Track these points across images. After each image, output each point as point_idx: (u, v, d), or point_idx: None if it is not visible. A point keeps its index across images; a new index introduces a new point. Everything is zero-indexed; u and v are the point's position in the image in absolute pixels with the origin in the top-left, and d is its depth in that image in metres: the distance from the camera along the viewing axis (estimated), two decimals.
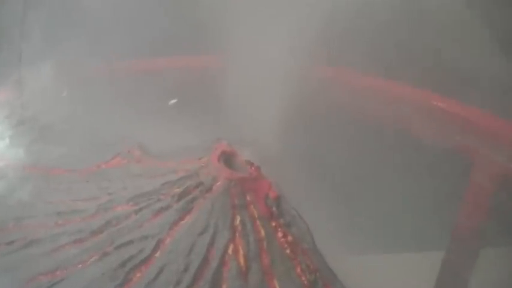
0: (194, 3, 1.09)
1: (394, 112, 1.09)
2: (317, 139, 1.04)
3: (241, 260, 0.81)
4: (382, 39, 1.06)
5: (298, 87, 1.03)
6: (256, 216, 0.85)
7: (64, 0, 1.08)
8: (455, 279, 1.06)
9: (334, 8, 1.03)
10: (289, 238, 0.85)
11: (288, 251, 0.84)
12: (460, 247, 1.06)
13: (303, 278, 0.82)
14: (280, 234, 0.85)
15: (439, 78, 1.07)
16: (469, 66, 1.03)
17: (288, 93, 1.00)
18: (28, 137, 0.95)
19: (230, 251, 0.82)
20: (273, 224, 0.86)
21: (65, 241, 0.83)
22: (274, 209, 0.87)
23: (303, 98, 1.03)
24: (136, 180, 0.90)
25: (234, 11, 1.02)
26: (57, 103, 1.01)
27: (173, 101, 1.04)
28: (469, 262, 1.05)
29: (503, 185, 1.02)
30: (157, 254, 0.81)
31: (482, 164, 1.03)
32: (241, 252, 0.82)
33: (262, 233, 0.84)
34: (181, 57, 1.15)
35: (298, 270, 0.83)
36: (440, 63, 1.06)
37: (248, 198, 0.86)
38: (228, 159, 0.91)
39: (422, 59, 1.07)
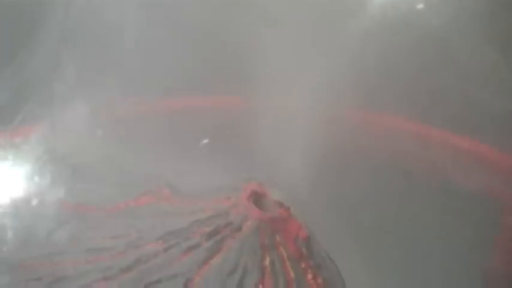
0: (225, 45, 1.11)
1: (423, 155, 1.08)
2: (347, 181, 1.04)
3: None
4: (412, 82, 1.06)
5: (328, 129, 1.03)
6: (286, 257, 0.84)
7: (97, 41, 1.10)
8: None
9: (365, 52, 1.04)
10: (319, 280, 0.84)
11: None
12: None
13: None
14: (309, 276, 0.84)
15: (468, 120, 1.07)
16: (496, 110, 1.03)
17: (317, 135, 1.00)
18: (61, 175, 0.96)
19: None
20: (303, 265, 0.85)
21: (93, 278, 0.83)
22: (304, 250, 0.86)
23: (333, 139, 1.03)
24: (165, 218, 0.90)
25: (266, 54, 1.03)
26: (90, 142, 1.02)
27: (205, 141, 1.04)
28: None
29: None
30: None
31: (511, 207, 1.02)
32: None
33: (292, 274, 0.83)
34: (212, 97, 1.16)
35: None
36: (469, 106, 1.06)
37: (278, 238, 0.85)
38: (258, 199, 0.90)
39: (452, 102, 1.07)
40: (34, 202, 0.92)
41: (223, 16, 1.11)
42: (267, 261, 0.83)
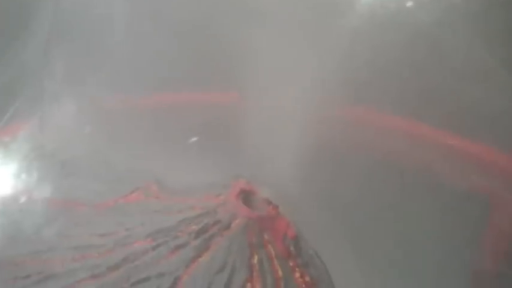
0: (215, 41, 1.11)
1: (417, 154, 1.08)
2: (336, 179, 1.03)
3: None
4: (405, 81, 1.06)
5: (318, 128, 1.02)
6: (274, 256, 0.84)
7: (86, 37, 1.09)
8: None
9: (356, 51, 1.04)
10: (307, 278, 0.84)
11: None
12: None
13: None
14: (297, 275, 0.84)
15: (462, 119, 1.07)
16: (488, 108, 1.02)
17: (308, 134, 1.00)
18: (49, 172, 0.96)
19: None
20: (291, 263, 0.85)
21: (82, 276, 0.82)
22: (292, 248, 0.86)
23: (323, 138, 1.03)
24: (154, 216, 0.90)
25: (256, 50, 1.03)
26: (79, 138, 1.02)
27: (194, 139, 1.04)
28: None
29: None
30: None
31: (502, 206, 1.02)
32: None
33: (280, 272, 0.83)
34: (202, 94, 1.16)
35: None
36: (462, 104, 1.05)
37: (266, 237, 0.85)
38: (246, 197, 0.90)
39: (444, 100, 1.07)
40: (22, 199, 0.92)
41: (214, 14, 1.10)
42: (255, 260, 0.83)
